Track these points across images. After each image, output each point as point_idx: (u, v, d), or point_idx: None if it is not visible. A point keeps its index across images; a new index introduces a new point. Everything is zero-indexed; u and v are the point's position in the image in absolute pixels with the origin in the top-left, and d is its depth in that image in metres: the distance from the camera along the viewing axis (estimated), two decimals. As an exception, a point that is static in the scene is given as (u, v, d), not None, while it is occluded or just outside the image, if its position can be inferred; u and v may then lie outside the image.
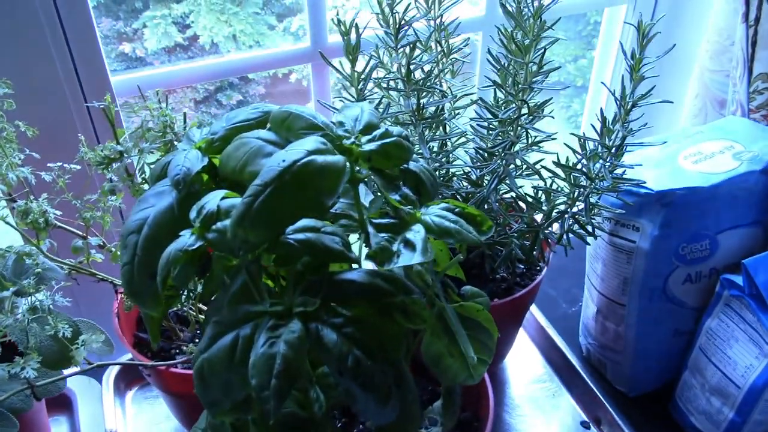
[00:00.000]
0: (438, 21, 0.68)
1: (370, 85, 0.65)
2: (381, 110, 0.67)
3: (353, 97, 0.62)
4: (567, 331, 0.93)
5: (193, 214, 0.42)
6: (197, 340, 0.74)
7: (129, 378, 0.85)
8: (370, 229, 0.43)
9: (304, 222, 0.43)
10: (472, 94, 0.73)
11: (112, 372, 0.83)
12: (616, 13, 1.18)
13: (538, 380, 0.89)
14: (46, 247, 0.68)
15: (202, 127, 0.55)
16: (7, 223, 0.63)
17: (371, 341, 0.42)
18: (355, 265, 0.46)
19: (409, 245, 0.43)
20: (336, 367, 0.40)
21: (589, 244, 0.75)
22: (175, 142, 0.59)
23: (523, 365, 0.91)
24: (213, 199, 0.43)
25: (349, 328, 0.41)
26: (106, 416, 0.79)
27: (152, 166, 0.55)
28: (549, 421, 0.83)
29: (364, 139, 0.45)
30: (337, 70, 0.60)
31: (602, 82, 0.63)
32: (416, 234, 0.43)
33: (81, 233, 0.69)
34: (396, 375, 0.42)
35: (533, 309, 0.95)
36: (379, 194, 0.48)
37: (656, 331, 0.81)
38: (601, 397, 0.83)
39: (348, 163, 0.42)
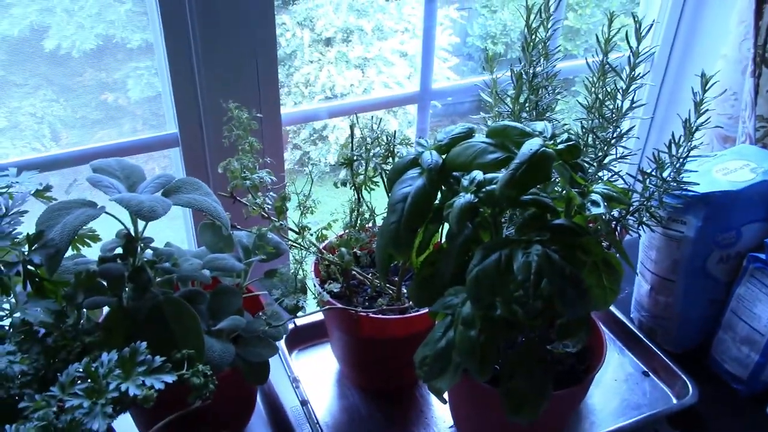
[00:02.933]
0: (548, 72, 0.97)
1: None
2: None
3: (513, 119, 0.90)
4: (620, 310, 1.20)
5: (465, 183, 0.69)
6: (366, 303, 0.99)
7: (294, 340, 1.10)
8: (575, 193, 0.70)
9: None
10: (567, 124, 1.01)
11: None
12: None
13: (603, 344, 1.15)
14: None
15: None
16: (261, 208, 0.88)
17: (573, 262, 0.69)
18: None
19: (595, 203, 0.70)
20: (559, 274, 0.67)
21: (654, 231, 1.03)
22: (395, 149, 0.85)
23: (589, 335, 1.18)
24: (477, 175, 0.69)
25: (561, 253, 0.68)
26: (290, 365, 1.02)
27: (396, 161, 0.81)
28: (617, 372, 1.10)
29: (557, 140, 0.73)
30: (504, 102, 0.89)
31: (678, 114, 0.91)
32: (597, 197, 0.70)
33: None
34: (588, 282, 0.69)
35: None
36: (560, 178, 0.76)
37: (696, 300, 1.09)
38: (654, 353, 1.10)
39: (554, 154, 0.70)
